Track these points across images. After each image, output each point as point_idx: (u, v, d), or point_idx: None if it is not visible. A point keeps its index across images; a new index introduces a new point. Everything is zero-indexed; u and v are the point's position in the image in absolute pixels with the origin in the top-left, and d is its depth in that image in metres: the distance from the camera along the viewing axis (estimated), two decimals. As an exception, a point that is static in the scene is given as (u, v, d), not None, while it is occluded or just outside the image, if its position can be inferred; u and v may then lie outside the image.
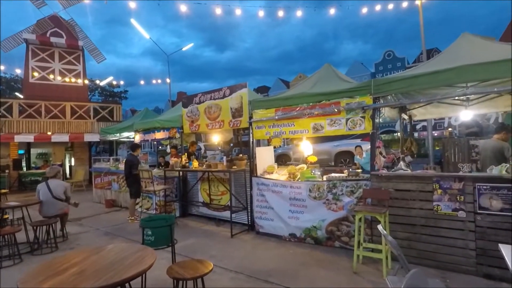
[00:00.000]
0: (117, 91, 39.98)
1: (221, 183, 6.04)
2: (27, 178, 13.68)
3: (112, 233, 5.71)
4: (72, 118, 13.28)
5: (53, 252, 4.70)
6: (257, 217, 5.32)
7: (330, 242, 4.46)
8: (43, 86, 13.76)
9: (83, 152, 14.74)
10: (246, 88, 5.66)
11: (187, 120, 6.78)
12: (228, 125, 5.94)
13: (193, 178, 6.79)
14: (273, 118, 5.19)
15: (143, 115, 9.29)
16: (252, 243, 4.82)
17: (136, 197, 6.87)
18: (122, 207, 8.30)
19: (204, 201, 6.47)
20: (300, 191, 4.77)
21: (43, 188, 5.12)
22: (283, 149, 14.50)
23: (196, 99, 6.53)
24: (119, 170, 8.40)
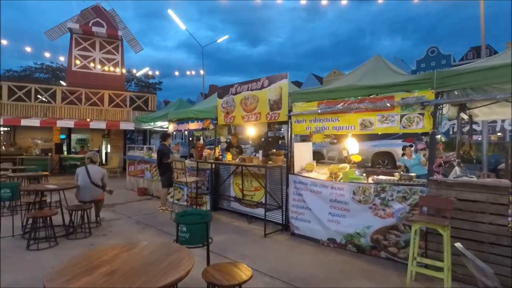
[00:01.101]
0: (152, 82, 41.10)
1: (255, 178, 5.77)
2: (67, 162, 14.32)
3: (143, 222, 5.65)
4: (110, 106, 13.64)
5: (87, 237, 4.69)
6: (292, 217, 4.99)
7: (375, 252, 4.03)
8: (84, 74, 14.26)
9: (119, 139, 15.16)
10: (286, 79, 5.30)
11: (222, 111, 6.56)
12: (265, 118, 5.63)
13: (226, 171, 6.58)
14: (315, 112, 4.80)
15: (177, 105, 9.23)
16: (287, 245, 4.50)
17: (167, 186, 6.80)
18: (154, 196, 8.32)
19: (236, 196, 6.24)
20: (343, 193, 4.37)
21: (82, 173, 5.13)
22: (316, 147, 13.97)
23: (232, 89, 6.28)
24: (152, 159, 8.41)
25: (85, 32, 14.25)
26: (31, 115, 12.27)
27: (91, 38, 14.61)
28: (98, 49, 14.72)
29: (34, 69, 29.41)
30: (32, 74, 28.69)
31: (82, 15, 14.40)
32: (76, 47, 14.34)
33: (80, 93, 13.23)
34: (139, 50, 15.80)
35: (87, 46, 14.53)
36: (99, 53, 14.73)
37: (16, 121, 11.40)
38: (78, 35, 14.40)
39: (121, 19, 15.44)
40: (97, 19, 14.56)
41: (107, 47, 14.91)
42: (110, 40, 14.96)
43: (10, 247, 4.23)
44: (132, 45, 15.53)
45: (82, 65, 14.30)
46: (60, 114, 12.72)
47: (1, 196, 4.61)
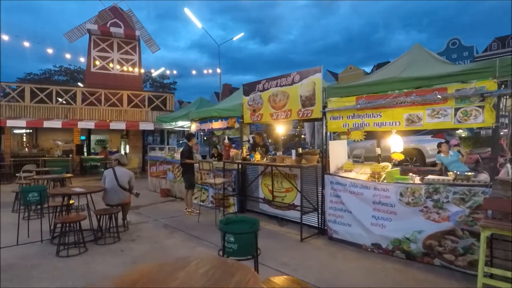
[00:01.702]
0: (167, 82, 41.34)
1: (286, 179, 5.47)
2: (88, 163, 14.43)
3: (171, 226, 5.45)
4: (129, 107, 13.62)
5: (116, 242, 4.51)
6: (330, 220, 4.67)
7: (428, 259, 3.67)
8: (103, 75, 14.30)
9: (137, 140, 15.15)
10: (320, 73, 4.98)
11: (248, 109, 6.29)
12: (296, 115, 5.32)
13: (253, 172, 6.31)
14: (353, 108, 4.46)
15: (198, 104, 9.04)
16: (328, 251, 4.19)
17: (190, 188, 6.60)
18: (177, 197, 8.16)
19: (265, 198, 5.97)
20: (388, 194, 4.02)
21: (109, 175, 4.97)
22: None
23: (260, 86, 6.00)
24: (174, 159, 8.25)
25: (103, 33, 14.27)
26: (52, 117, 12.36)
27: (109, 39, 14.63)
28: (116, 50, 14.73)
29: (53, 72, 30.00)
30: (51, 77, 29.27)
31: (100, 16, 14.43)
32: (95, 48, 14.39)
33: (100, 94, 13.25)
34: (156, 50, 15.75)
35: (105, 47, 14.56)
36: (117, 54, 14.74)
37: (38, 123, 11.49)
38: (96, 36, 14.44)
39: (138, 19, 15.40)
40: (114, 20, 14.57)
41: (125, 48, 14.90)
42: (127, 41, 14.95)
43: (40, 253, 4.09)
44: (149, 45, 15.48)
45: (101, 66, 14.34)
46: (81, 116, 12.77)
47: (29, 199, 4.49)
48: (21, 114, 12.03)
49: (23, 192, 4.49)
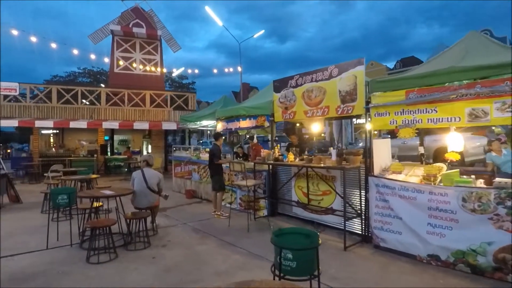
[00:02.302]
0: (185, 83, 41.60)
1: (323, 181, 5.08)
2: (112, 163, 14.53)
3: (201, 230, 5.18)
4: (151, 107, 13.59)
5: (146, 248, 4.28)
6: (376, 227, 4.24)
7: (500, 275, 3.20)
8: (126, 76, 14.35)
9: (160, 140, 15.12)
10: (362, 66, 4.55)
11: (279, 106, 5.94)
12: (335, 112, 4.92)
13: (285, 173, 5.96)
14: (403, 103, 4.01)
15: (223, 102, 8.77)
16: (377, 262, 3.77)
17: (219, 190, 6.30)
18: (203, 198, 7.92)
19: (299, 201, 5.60)
20: (447, 199, 3.56)
21: (138, 177, 4.76)
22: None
23: (292, 81, 5.63)
24: (200, 160, 8.02)
25: (125, 33, 14.32)
26: (78, 117, 12.49)
27: (131, 39, 14.67)
28: (138, 50, 14.76)
29: (77, 74, 30.76)
30: (76, 79, 30.02)
31: (122, 17, 14.49)
32: (118, 49, 14.46)
33: (123, 94, 13.29)
34: (177, 49, 15.68)
35: (128, 48, 14.61)
36: (139, 54, 14.76)
37: (65, 123, 11.61)
38: (119, 37, 14.51)
39: (159, 19, 15.36)
40: (136, 20, 14.59)
41: (147, 48, 14.90)
42: (149, 41, 14.94)
43: (70, 259, 3.91)
44: (171, 45, 15.43)
45: (124, 66, 14.40)
46: (105, 116, 12.84)
47: (58, 202, 4.33)
48: (48, 115, 12.21)
49: (53, 194, 4.34)
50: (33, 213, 6.46)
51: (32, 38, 10.06)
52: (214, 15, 14.87)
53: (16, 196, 7.44)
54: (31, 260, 3.88)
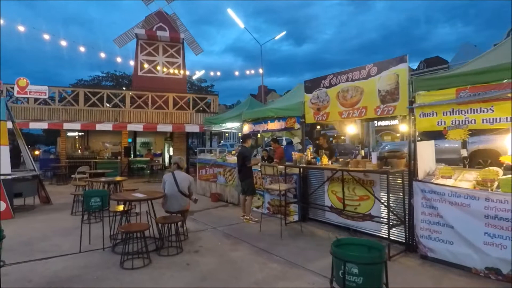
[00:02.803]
0: (204, 86, 41.95)
1: (360, 185, 4.81)
2: (135, 165, 14.70)
3: (232, 236, 5.02)
4: (174, 109, 13.65)
5: (179, 254, 4.15)
6: (423, 235, 3.94)
7: None
8: (149, 79, 14.53)
9: (181, 142, 15.19)
10: (405, 64, 4.27)
11: (311, 107, 5.72)
12: (373, 113, 4.65)
13: (317, 177, 5.72)
14: (453, 102, 3.71)
15: (249, 104, 8.62)
16: (428, 275, 3.48)
17: (250, 194, 6.13)
18: (229, 202, 7.78)
19: (333, 206, 5.34)
20: (508, 207, 3.23)
21: (169, 180, 4.66)
22: (394, 145, 12.50)
23: (326, 81, 5.40)
24: (225, 162, 7.89)
25: (149, 37, 14.51)
26: (103, 120, 12.70)
27: (154, 43, 14.86)
28: (161, 53, 14.92)
29: (101, 78, 31.65)
30: (99, 82, 30.88)
31: (146, 21, 14.70)
32: (142, 52, 14.67)
33: (147, 97, 13.43)
34: (199, 52, 15.75)
35: (151, 51, 14.80)
36: (162, 57, 14.92)
37: (91, 125, 11.82)
38: (143, 41, 14.72)
39: (182, 22, 15.49)
40: (160, 24, 14.77)
41: (170, 51, 15.04)
42: (172, 44, 15.08)
43: (103, 263, 3.83)
44: (193, 47, 15.52)
45: (147, 69, 14.58)
46: (129, 118, 13.00)
47: (91, 205, 4.29)
48: (75, 117, 12.49)
49: (86, 197, 4.30)
50: (63, 214, 6.51)
51: (62, 42, 10.29)
52: (236, 17, 14.84)
53: (46, 197, 7.56)
54: (65, 264, 3.83)
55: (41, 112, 12.24)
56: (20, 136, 7.55)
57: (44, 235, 5.00)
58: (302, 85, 7.38)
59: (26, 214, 6.47)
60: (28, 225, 5.63)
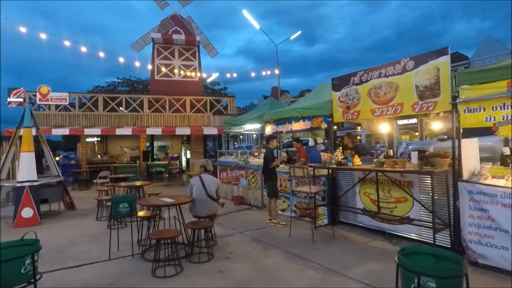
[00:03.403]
0: (218, 88, 42.08)
1: (397, 186, 4.54)
2: (153, 169, 14.72)
3: (261, 240, 4.84)
4: (191, 112, 13.63)
5: (210, 260, 4.00)
6: (472, 240, 3.66)
7: None
8: (166, 82, 14.57)
9: (199, 145, 15.14)
10: (447, 56, 4.01)
11: (339, 106, 5.49)
12: (410, 110, 4.40)
13: (347, 178, 5.48)
14: (505, 96, 3.43)
15: (269, 105, 8.45)
16: (482, 283, 3.19)
17: (273, 196, 5.95)
18: (252, 205, 7.61)
19: (366, 208, 5.09)
20: None
21: (197, 184, 4.52)
22: (418, 144, 12.06)
23: (355, 78, 5.17)
24: (248, 165, 7.73)
25: (165, 40, 14.57)
26: (122, 125, 12.78)
27: (170, 46, 14.91)
28: (177, 57, 14.95)
29: (117, 83, 32.16)
30: (115, 88, 31.38)
31: (162, 25, 14.78)
32: (158, 56, 14.74)
33: (164, 100, 13.45)
34: (215, 54, 15.72)
35: (167, 55, 14.86)
36: (178, 61, 14.95)
37: (111, 130, 11.90)
38: (159, 45, 14.79)
39: (197, 25, 15.50)
40: (175, 28, 14.81)
41: (185, 54, 15.06)
42: (187, 47, 15.10)
43: (135, 271, 3.72)
44: (208, 50, 15.50)
45: (164, 73, 14.63)
46: (147, 122, 13.05)
47: (120, 211, 4.20)
48: (95, 122, 12.62)
49: (114, 203, 4.21)
50: (88, 220, 6.48)
51: (81, 49, 10.40)
52: (252, 18, 14.72)
53: (71, 202, 7.58)
54: (96, 272, 3.74)
55: (62, 118, 12.42)
56: (44, 143, 7.61)
57: (72, 242, 4.95)
58: (325, 84, 7.20)
59: (53, 220, 6.48)
60: (56, 231, 5.61)
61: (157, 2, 14.60)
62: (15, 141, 7.17)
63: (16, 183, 6.29)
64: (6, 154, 7.07)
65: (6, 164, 7.10)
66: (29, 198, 6.06)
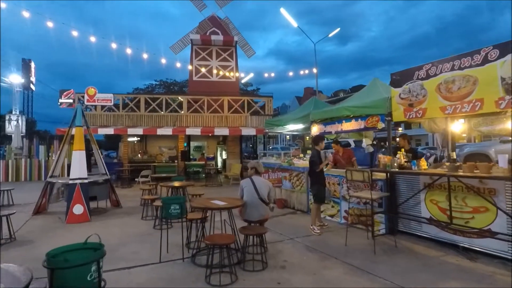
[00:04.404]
0: (250, 90, 42.13)
1: (475, 194, 3.97)
2: (191, 169, 14.85)
3: (315, 249, 4.48)
4: (229, 112, 13.55)
5: (264, 269, 3.72)
6: None
7: None
8: (204, 83, 14.65)
9: (235, 146, 15.05)
10: (545, 42, 3.41)
11: (400, 103, 4.99)
12: (494, 106, 3.82)
13: (409, 183, 4.96)
14: None
15: (313, 104, 8.05)
16: None
17: (317, 202, 5.56)
18: (296, 209, 7.25)
19: (434, 218, 4.54)
20: None
21: (248, 186, 4.28)
22: (477, 147, 11.01)
23: (421, 72, 4.65)
24: (292, 166, 7.40)
25: (204, 42, 14.66)
26: (163, 125, 12.99)
27: (208, 47, 14.99)
28: (215, 57, 14.99)
29: (154, 86, 33.25)
30: (153, 90, 32.46)
31: (200, 26, 14.90)
32: (196, 58, 14.86)
33: (202, 101, 13.51)
34: (252, 54, 15.60)
35: (205, 56, 14.95)
36: (215, 61, 14.99)
37: (152, 130, 12.12)
38: (197, 46, 14.93)
39: (234, 25, 15.46)
40: (213, 29, 14.88)
41: (223, 55, 15.07)
42: (225, 48, 15.10)
43: (188, 277, 3.53)
44: (245, 50, 15.41)
45: (202, 74, 14.72)
46: (187, 123, 13.16)
47: (171, 212, 4.05)
48: (137, 122, 12.95)
49: (165, 204, 4.07)
50: (134, 219, 6.50)
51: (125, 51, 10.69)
52: (289, 17, 14.39)
53: (116, 200, 7.71)
54: (148, 275, 3.60)
55: (107, 118, 12.88)
56: (94, 141, 7.82)
57: (121, 241, 4.91)
58: (378, 80, 6.69)
59: (101, 218, 6.58)
60: (105, 229, 5.65)
61: (194, 3, 14.75)
62: (68, 139, 7.41)
63: (68, 180, 6.46)
64: (60, 152, 7.33)
65: (59, 162, 7.36)
66: (80, 195, 6.18)
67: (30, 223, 6.10)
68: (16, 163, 13.40)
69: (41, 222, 6.19)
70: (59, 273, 1.91)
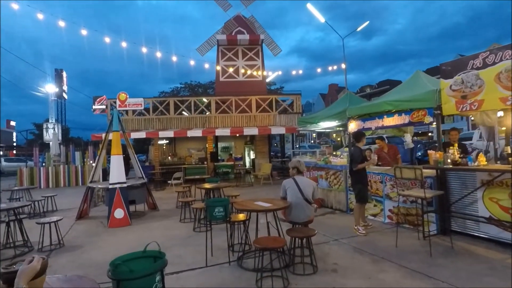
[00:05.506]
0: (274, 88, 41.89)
1: (547, 192, 3.61)
2: (220, 170, 14.92)
3: (365, 251, 4.26)
4: (257, 112, 13.47)
5: (315, 273, 3.57)
6: None
7: None
8: (231, 83, 14.67)
9: (264, 145, 14.95)
10: None
11: (451, 96, 4.65)
12: None
13: (464, 180, 4.61)
14: None
15: (348, 100, 7.75)
16: None
17: (359, 202, 5.32)
18: (335, 209, 7.03)
19: (494, 217, 4.19)
20: None
21: (291, 186, 4.14)
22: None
23: (476, 61, 4.30)
24: (329, 165, 7.18)
25: (229, 42, 14.67)
26: (192, 127, 13.13)
27: (234, 47, 14.98)
28: (241, 57, 14.96)
29: (179, 88, 33.89)
30: (179, 93, 33.09)
31: (225, 27, 14.92)
32: (222, 58, 14.90)
33: (230, 102, 13.51)
34: (278, 52, 15.43)
35: (231, 56, 14.96)
36: (242, 61, 14.96)
37: (183, 132, 12.28)
38: (223, 47, 14.96)
39: (260, 24, 15.35)
40: (238, 28, 14.85)
41: (249, 54, 15.01)
42: (250, 47, 15.03)
43: (237, 282, 3.46)
44: (272, 48, 15.28)
45: (228, 74, 14.74)
46: (215, 124, 13.22)
47: (215, 215, 4.00)
48: (167, 125, 13.17)
49: (209, 207, 4.02)
50: (172, 221, 6.55)
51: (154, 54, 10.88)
52: (316, 12, 14.07)
53: (153, 203, 7.82)
54: (197, 280, 3.56)
55: (139, 123, 13.21)
56: (130, 146, 7.99)
57: (164, 245, 4.81)
58: (420, 72, 6.33)
59: (140, 221, 6.68)
60: (146, 232, 5.72)
61: (219, 3, 14.79)
62: (105, 145, 7.61)
63: (107, 185, 6.63)
64: (98, 157, 7.55)
65: (99, 167, 7.58)
66: (120, 199, 6.31)
67: (74, 228, 6.30)
68: (55, 170, 14.05)
69: (85, 227, 6.37)
70: (125, 284, 1.87)
